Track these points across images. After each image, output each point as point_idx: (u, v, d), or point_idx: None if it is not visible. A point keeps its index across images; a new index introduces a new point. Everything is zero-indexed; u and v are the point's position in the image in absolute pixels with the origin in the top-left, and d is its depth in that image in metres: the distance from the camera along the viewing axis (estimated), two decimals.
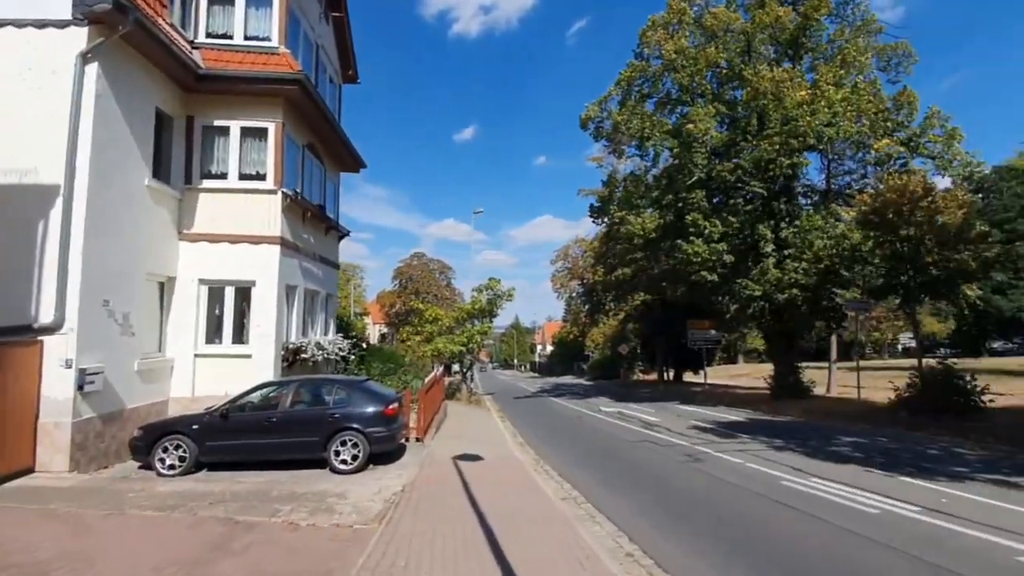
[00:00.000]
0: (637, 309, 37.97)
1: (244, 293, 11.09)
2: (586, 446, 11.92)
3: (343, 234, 15.67)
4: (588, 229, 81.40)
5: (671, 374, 36.47)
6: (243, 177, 11.33)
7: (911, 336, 71.60)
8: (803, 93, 16.69)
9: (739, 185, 19.02)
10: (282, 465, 8.61)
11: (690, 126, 17.99)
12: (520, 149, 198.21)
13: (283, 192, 11.17)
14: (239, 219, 11.08)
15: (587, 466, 9.64)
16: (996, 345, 60.94)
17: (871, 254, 16.24)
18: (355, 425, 8.53)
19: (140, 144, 9.65)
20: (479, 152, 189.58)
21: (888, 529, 5.84)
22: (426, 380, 11.92)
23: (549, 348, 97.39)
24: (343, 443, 8.48)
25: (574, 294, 64.05)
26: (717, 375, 38.22)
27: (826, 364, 27.71)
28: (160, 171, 10.67)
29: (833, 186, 22.08)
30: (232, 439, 8.49)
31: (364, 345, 14.29)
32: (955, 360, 15.28)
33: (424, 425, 11.26)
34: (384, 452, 8.88)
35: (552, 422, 16.82)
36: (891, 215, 14.78)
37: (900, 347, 69.61)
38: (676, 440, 12.12)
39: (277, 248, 11.03)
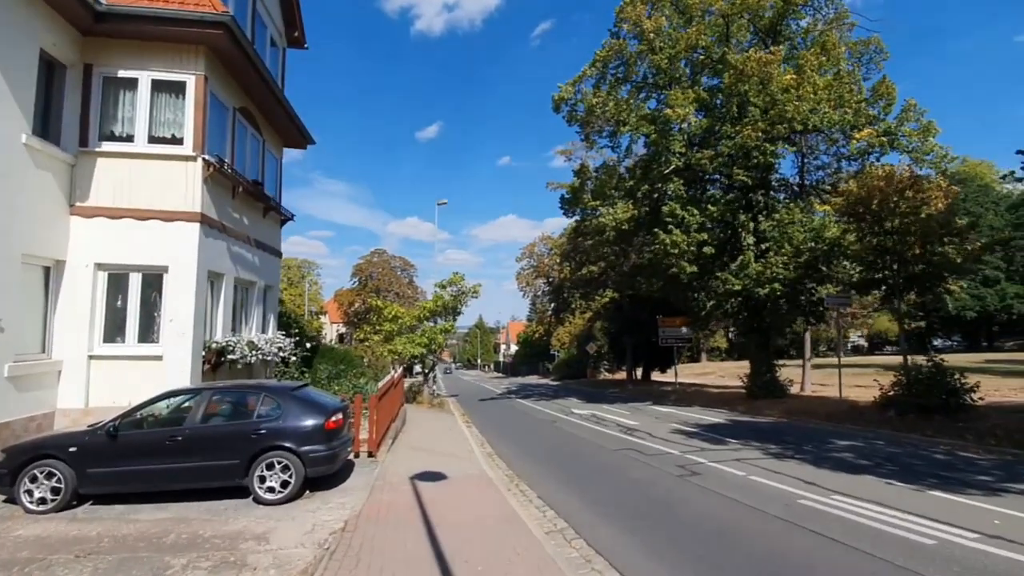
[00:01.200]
0: (606, 307, 37.11)
1: (154, 281, 9.12)
2: (565, 457, 10.52)
3: (286, 218, 13.73)
4: (553, 229, 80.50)
5: (639, 373, 35.75)
6: (155, 140, 9.37)
7: (859, 334, 74.04)
8: (789, 77, 15.91)
9: (718, 174, 18.16)
10: (197, 494, 6.80)
11: (669, 111, 16.96)
12: (484, 148, 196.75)
13: (204, 159, 9.26)
14: (149, 190, 9.11)
15: (570, 484, 8.23)
16: (937, 343, 63.86)
17: (853, 247, 15.57)
18: (286, 443, 6.81)
19: (16, 92, 7.62)
20: (443, 150, 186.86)
21: (960, 568, 4.67)
22: (381, 384, 10.28)
23: (513, 348, 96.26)
24: (270, 466, 6.74)
25: (540, 292, 62.98)
26: (683, 374, 37.71)
27: (794, 362, 27.51)
28: (48, 130, 8.64)
29: (807, 181, 21.65)
30: (123, 464, 6.62)
31: (308, 345, 12.41)
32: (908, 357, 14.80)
33: (378, 437, 9.59)
34: (325, 475, 7.19)
35: (523, 428, 15.38)
36: (876, 205, 14.10)
37: (850, 345, 71.92)
38: (663, 448, 10.89)
39: (196, 227, 9.11)
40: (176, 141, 9.36)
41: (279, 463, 6.74)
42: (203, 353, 9.27)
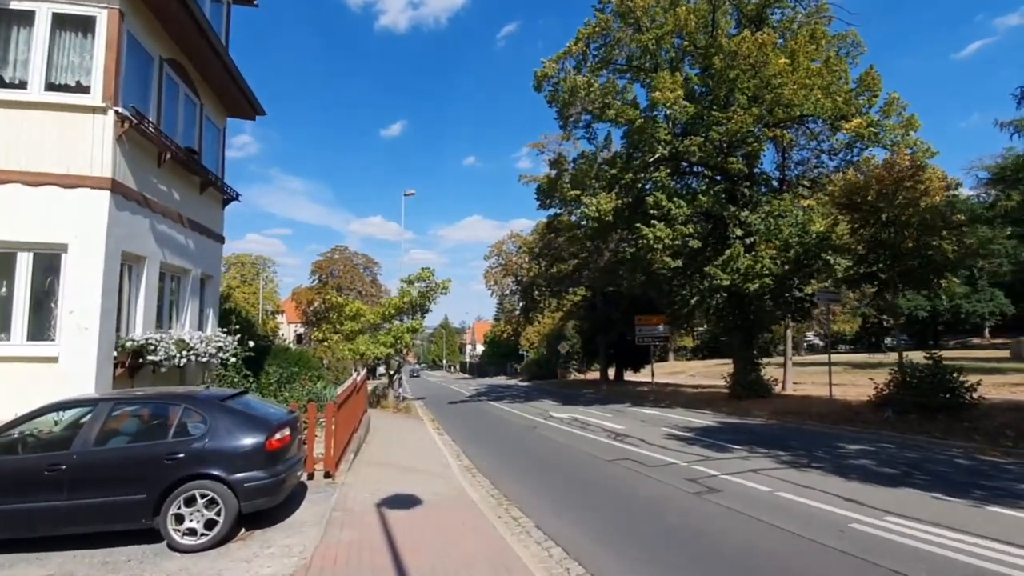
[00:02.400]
0: (578, 305, 36.18)
1: (50, 263, 7.27)
2: (556, 471, 9.20)
3: (230, 197, 11.86)
4: (520, 229, 79.17)
5: (612, 373, 34.94)
6: (55, 88, 7.50)
7: (814, 333, 75.97)
8: (783, 61, 15.15)
9: (703, 165, 17.30)
10: (92, 539, 5.12)
11: (656, 94, 15.94)
12: (450, 148, 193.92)
13: (118, 112, 7.46)
14: (44, 149, 7.26)
15: (571, 507, 6.90)
16: (887, 341, 66.34)
17: (843, 241, 14.93)
18: (213, 470, 5.20)
19: None
20: (407, 149, 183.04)
21: None
22: (342, 389, 8.67)
23: (479, 348, 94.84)
24: (191, 501, 5.12)
25: (508, 291, 61.68)
26: (656, 372, 37.25)
27: (769, 361, 27.16)
28: None
29: (787, 176, 21.18)
30: None
31: (252, 343, 10.63)
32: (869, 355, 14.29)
33: (337, 453, 8.00)
34: (267, 508, 5.60)
35: (500, 434, 13.99)
36: (874, 195, 13.44)
37: (806, 344, 73.55)
38: (662, 456, 9.73)
39: (106, 196, 7.30)
40: (82, 89, 7.52)
41: (203, 497, 5.13)
42: (115, 354, 7.46)
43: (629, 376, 35.47)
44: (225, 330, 10.98)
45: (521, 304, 56.68)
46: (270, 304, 66.14)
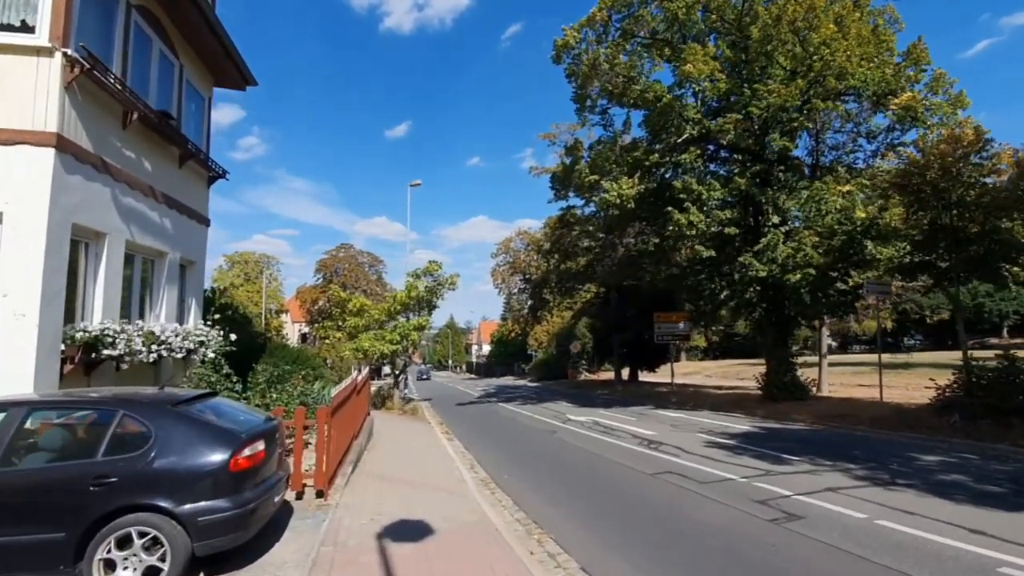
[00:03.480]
0: (591, 303, 34.77)
1: None
2: (589, 486, 7.83)
3: (216, 174, 10.56)
4: (527, 228, 77.56)
5: (625, 373, 33.47)
6: None
7: (828, 333, 73.97)
8: (831, 27, 13.68)
9: (737, 146, 15.86)
10: None
11: (688, 67, 14.53)
12: (454, 149, 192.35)
13: (66, 55, 6.17)
14: None
15: (621, 541, 5.55)
16: (906, 341, 64.44)
17: (895, 227, 13.46)
18: (157, 500, 3.88)
19: None
20: (412, 150, 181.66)
21: None
22: (338, 389, 7.31)
23: (486, 348, 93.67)
24: (125, 542, 3.80)
25: (516, 290, 60.27)
26: (667, 374, 35.73)
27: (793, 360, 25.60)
28: None
29: (821, 161, 19.70)
30: None
31: (235, 337, 9.33)
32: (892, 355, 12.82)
33: (331, 467, 6.68)
34: (231, 547, 4.26)
35: (517, 440, 12.63)
36: (936, 173, 11.98)
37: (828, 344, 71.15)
38: (712, 469, 8.34)
39: (50, 154, 6.01)
40: (25, 29, 6.24)
41: (142, 536, 3.81)
42: (62, 347, 6.17)
43: (644, 376, 34.02)
44: (209, 323, 9.72)
45: (529, 303, 55.41)
46: (274, 303, 65.09)
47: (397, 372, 22.86)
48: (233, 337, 9.14)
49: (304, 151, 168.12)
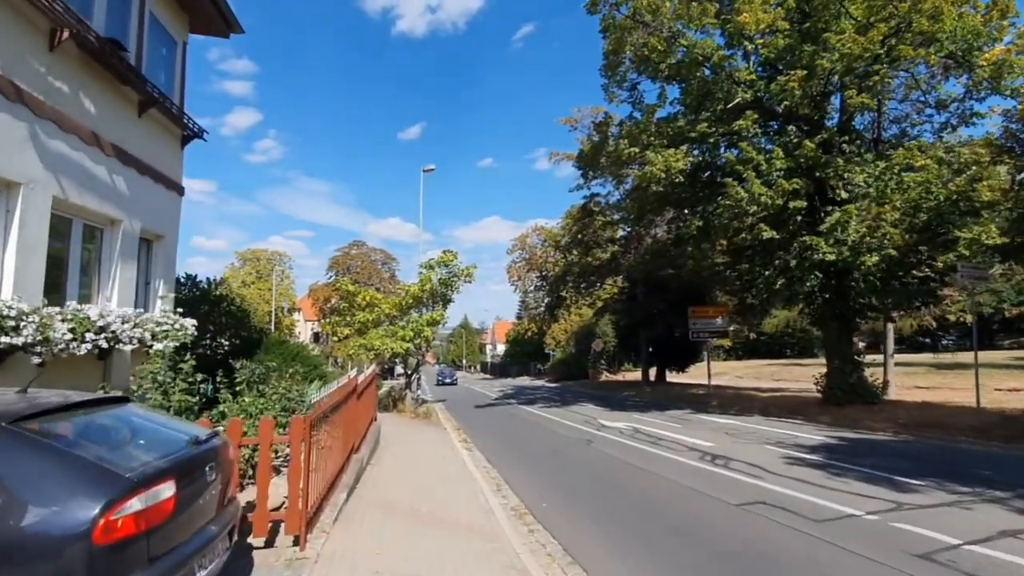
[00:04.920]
0: (615, 298, 32.71)
1: None
2: (662, 524, 5.89)
3: (190, 133, 8.82)
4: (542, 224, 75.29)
5: (653, 373, 31.33)
6: None
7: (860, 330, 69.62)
8: None
9: (793, 113, 13.76)
10: None
11: (744, 16, 12.48)
12: (467, 150, 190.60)
13: None
14: None
15: None
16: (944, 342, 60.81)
17: (998, 199, 11.27)
18: None
19: None
20: (426, 151, 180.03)
21: None
22: (323, 395, 5.38)
23: (500, 348, 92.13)
24: None
25: (532, 287, 58.35)
26: (696, 374, 33.52)
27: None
28: None
29: (883, 135, 17.47)
30: None
31: (189, 326, 7.51)
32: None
33: (313, 501, 4.84)
34: None
35: (547, 450, 10.71)
36: None
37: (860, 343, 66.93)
38: (818, 499, 6.35)
39: None
40: None
41: None
42: None
43: (673, 377, 31.87)
44: (180, 311, 7.99)
45: (546, 300, 53.39)
46: (287, 300, 64.04)
47: (409, 372, 21.10)
48: (193, 325, 7.33)
49: (319, 153, 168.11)
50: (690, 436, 11.57)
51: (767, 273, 14.75)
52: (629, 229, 29.20)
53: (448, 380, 42.65)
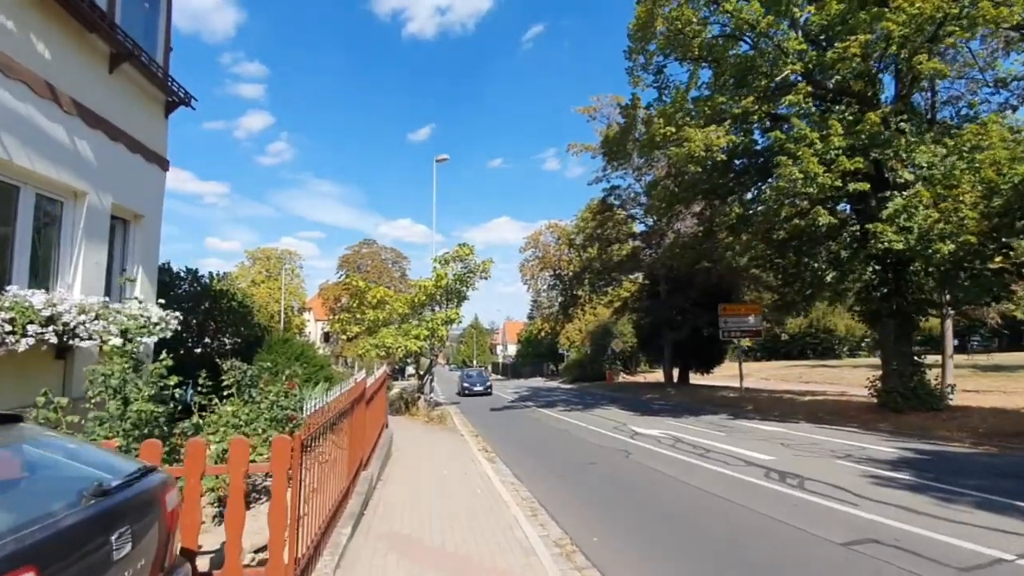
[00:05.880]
0: (636, 296, 31.31)
1: None
2: (751, 570, 4.61)
3: (177, 99, 7.70)
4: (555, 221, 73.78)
5: (675, 374, 29.88)
6: None
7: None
8: None
9: (845, 89, 12.36)
10: None
11: None
12: (476, 150, 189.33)
13: None
14: None
15: None
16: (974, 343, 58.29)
17: None
18: None
19: None
20: (435, 152, 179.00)
21: None
22: (319, 404, 4.19)
23: (511, 348, 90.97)
24: None
25: (546, 286, 56.99)
26: (716, 376, 31.99)
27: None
28: None
29: (936, 116, 15.99)
30: None
31: (172, 321, 6.36)
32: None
33: (310, 543, 3.63)
34: None
35: (582, 465, 9.42)
36: None
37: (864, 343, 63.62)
38: (942, 536, 5.03)
39: None
40: None
41: None
42: None
43: (697, 379, 30.41)
44: (162, 301, 6.86)
45: (560, 300, 52.00)
46: (297, 300, 63.31)
47: (423, 373, 19.98)
48: (158, 316, 6.17)
49: (330, 155, 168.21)
50: (740, 447, 10.24)
51: (815, 265, 13.33)
52: (651, 223, 27.84)
53: (479, 388, 29.98)
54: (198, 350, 12.69)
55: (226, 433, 4.68)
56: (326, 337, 63.52)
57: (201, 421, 4.86)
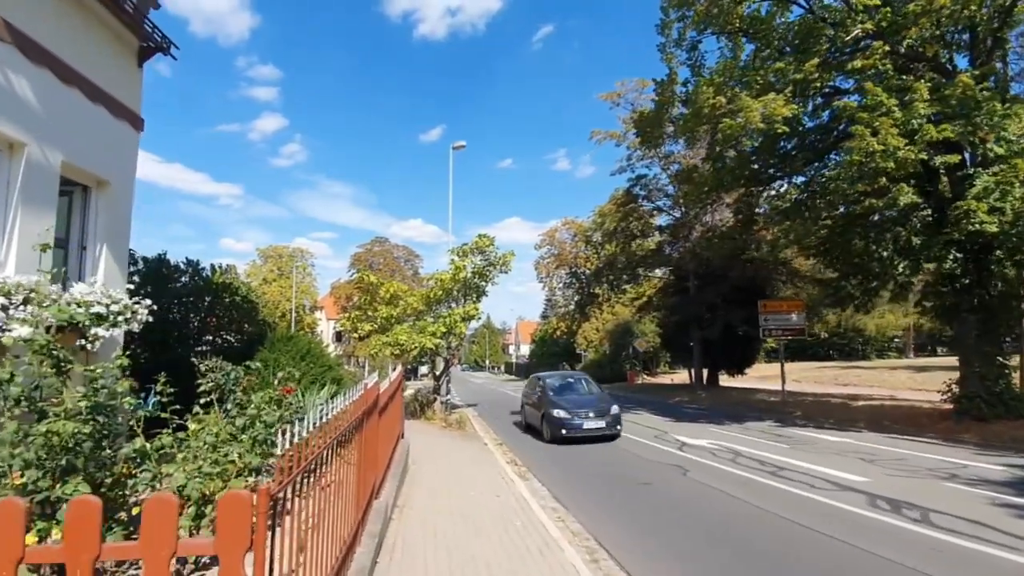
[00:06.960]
0: (661, 292, 29.70)
1: None
2: None
3: (153, 44, 6.45)
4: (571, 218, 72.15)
5: (704, 376, 28.24)
6: None
7: (897, 334, 61.53)
8: None
9: (917, 55, 10.79)
10: None
11: None
12: (487, 151, 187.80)
13: None
14: None
15: None
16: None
17: None
18: None
19: None
20: (446, 152, 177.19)
21: None
22: (330, 411, 3.01)
23: (524, 348, 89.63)
24: None
25: (562, 284, 55.52)
26: (751, 378, 30.27)
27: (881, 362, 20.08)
28: None
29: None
30: None
31: (141, 311, 5.08)
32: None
33: None
34: None
35: (631, 485, 7.99)
36: None
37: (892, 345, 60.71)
38: None
39: None
40: None
41: None
42: None
43: (726, 381, 28.75)
44: (130, 287, 5.61)
45: (576, 299, 50.43)
46: (308, 299, 62.53)
47: (439, 373, 18.71)
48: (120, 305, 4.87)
49: (342, 156, 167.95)
50: (816, 463, 8.73)
51: (883, 254, 11.74)
52: (678, 215, 26.27)
53: (592, 425, 11.45)
54: (199, 348, 11.54)
55: (185, 463, 3.36)
56: (338, 336, 62.74)
57: (149, 446, 3.51)
